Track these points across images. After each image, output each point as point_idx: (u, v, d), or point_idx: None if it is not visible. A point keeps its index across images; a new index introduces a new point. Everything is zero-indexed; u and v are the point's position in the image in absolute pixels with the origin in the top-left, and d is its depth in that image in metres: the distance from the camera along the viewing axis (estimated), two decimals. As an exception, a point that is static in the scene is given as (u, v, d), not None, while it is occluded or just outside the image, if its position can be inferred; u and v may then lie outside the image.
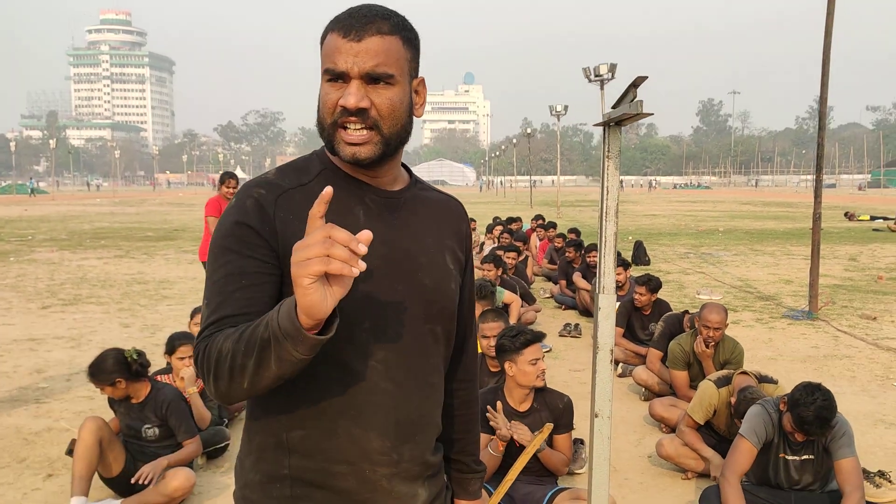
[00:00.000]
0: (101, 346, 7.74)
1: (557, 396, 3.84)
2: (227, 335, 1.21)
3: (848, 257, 15.91)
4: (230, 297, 1.30)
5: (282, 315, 1.12)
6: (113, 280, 12.81)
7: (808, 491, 3.74)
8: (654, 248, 17.28)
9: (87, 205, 45.78)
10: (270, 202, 1.36)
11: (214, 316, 1.29)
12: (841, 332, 8.49)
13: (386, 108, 1.33)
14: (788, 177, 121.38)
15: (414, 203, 1.49)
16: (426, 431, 1.48)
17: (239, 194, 1.40)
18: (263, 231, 1.33)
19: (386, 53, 1.32)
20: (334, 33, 1.33)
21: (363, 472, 1.39)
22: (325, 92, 1.35)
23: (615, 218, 1.88)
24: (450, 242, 1.54)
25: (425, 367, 1.46)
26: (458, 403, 1.68)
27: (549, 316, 9.59)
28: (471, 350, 1.70)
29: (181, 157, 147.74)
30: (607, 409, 2.02)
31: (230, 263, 1.32)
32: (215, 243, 1.36)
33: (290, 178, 1.42)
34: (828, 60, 9.07)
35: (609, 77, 22.52)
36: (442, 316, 1.48)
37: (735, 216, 32.56)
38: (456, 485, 1.71)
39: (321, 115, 1.37)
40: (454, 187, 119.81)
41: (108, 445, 4.00)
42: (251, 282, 1.31)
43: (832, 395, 3.50)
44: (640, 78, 1.61)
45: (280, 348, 1.12)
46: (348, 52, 1.30)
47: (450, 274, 1.51)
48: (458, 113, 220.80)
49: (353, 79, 1.31)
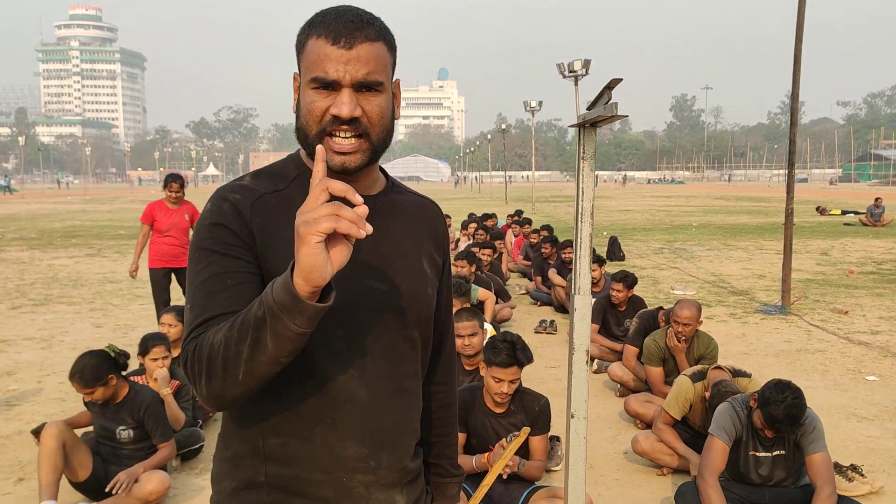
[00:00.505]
0: (72, 348, 7.65)
1: (534, 398, 3.85)
2: (217, 329, 1.19)
3: (820, 252, 16.14)
4: (215, 298, 1.27)
5: (276, 289, 1.10)
6: (84, 279, 12.63)
7: (782, 487, 3.78)
8: (628, 244, 17.40)
9: (58, 203, 45.12)
10: (246, 206, 1.34)
11: (201, 317, 1.26)
12: (813, 327, 8.60)
13: (376, 116, 1.32)
14: (761, 171, 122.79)
15: (390, 207, 1.47)
16: (404, 438, 1.46)
17: (215, 199, 1.37)
18: (242, 233, 1.32)
19: (376, 61, 1.30)
20: (320, 39, 1.29)
21: (340, 480, 1.38)
22: (311, 100, 1.31)
23: (591, 219, 1.88)
24: (427, 246, 1.52)
25: (402, 372, 1.44)
26: (436, 406, 1.67)
27: (525, 312, 9.62)
28: (448, 352, 1.69)
29: (153, 154, 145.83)
30: (583, 409, 2.02)
31: (213, 265, 1.29)
32: (195, 246, 1.33)
33: (266, 184, 1.40)
34: (799, 57, 9.18)
35: (583, 73, 22.57)
36: (419, 321, 1.46)
37: (708, 211, 32.90)
38: (434, 489, 1.70)
39: (305, 122, 1.33)
40: (429, 183, 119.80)
41: (73, 450, 3.93)
42: (236, 281, 1.29)
43: (802, 393, 3.54)
44: (615, 80, 1.61)
45: (277, 323, 1.10)
46: (339, 59, 1.27)
47: (427, 278, 1.49)
48: (432, 109, 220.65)
49: (344, 87, 1.28)
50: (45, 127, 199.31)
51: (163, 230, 7.39)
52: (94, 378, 3.92)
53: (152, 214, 7.43)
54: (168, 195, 7.46)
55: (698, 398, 4.50)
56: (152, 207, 7.47)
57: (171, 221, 7.41)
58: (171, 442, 4.23)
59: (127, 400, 4.10)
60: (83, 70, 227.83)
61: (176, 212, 7.45)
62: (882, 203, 22.86)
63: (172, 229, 7.37)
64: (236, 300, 1.26)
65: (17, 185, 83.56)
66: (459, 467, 1.74)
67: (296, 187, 1.39)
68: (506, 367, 3.62)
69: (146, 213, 7.47)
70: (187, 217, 7.48)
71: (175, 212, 7.45)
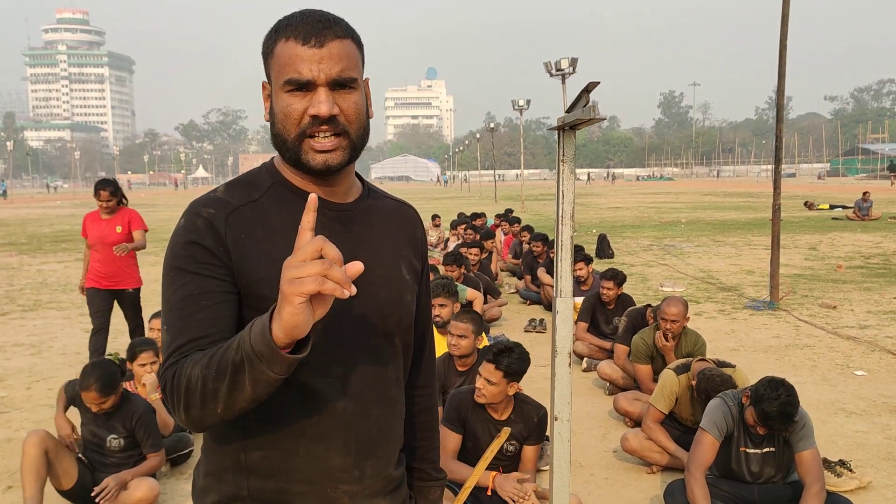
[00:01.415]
0: (62, 353, 7.61)
1: (534, 409, 3.87)
2: (194, 361, 1.18)
3: (808, 246, 16.22)
4: (191, 320, 1.26)
5: (254, 336, 1.09)
6: (74, 284, 12.54)
7: (771, 483, 3.80)
8: (617, 241, 17.44)
9: (47, 207, 44.86)
10: (221, 221, 1.33)
11: (178, 341, 1.26)
12: (802, 322, 8.65)
13: (353, 113, 1.32)
14: (749, 167, 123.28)
15: (368, 214, 1.47)
16: (388, 445, 1.47)
17: (188, 214, 1.35)
18: (217, 250, 1.30)
19: (347, 58, 1.30)
20: (290, 41, 1.29)
21: (324, 491, 1.38)
22: (286, 103, 1.30)
23: (571, 222, 1.88)
24: (405, 252, 1.52)
25: (384, 380, 1.44)
26: (417, 410, 1.66)
27: (515, 311, 9.63)
28: (428, 357, 1.69)
29: (143, 158, 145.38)
30: (566, 411, 2.02)
31: (187, 285, 1.29)
32: (168, 265, 1.32)
33: (240, 195, 1.38)
34: (784, 52, 9.22)
35: (570, 71, 22.56)
36: (399, 328, 1.46)
37: (697, 207, 33.01)
38: (417, 493, 1.69)
39: (282, 127, 1.32)
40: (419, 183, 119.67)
41: (56, 457, 3.91)
42: (212, 301, 1.28)
43: (795, 391, 3.55)
44: (593, 83, 1.61)
45: (255, 370, 1.10)
46: (311, 59, 1.27)
47: (406, 285, 1.49)
48: (421, 108, 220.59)
49: (319, 86, 1.28)
50: (33, 132, 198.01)
51: (91, 244, 6.44)
52: (111, 387, 3.95)
53: (85, 226, 6.51)
54: (99, 205, 6.39)
55: (683, 390, 4.53)
56: (86, 218, 6.53)
57: (97, 234, 6.34)
58: (161, 452, 4.21)
59: (119, 409, 4.08)
60: (71, 74, 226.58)
61: (105, 223, 6.36)
62: (870, 197, 22.98)
63: (98, 243, 6.32)
64: (212, 321, 1.27)
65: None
66: (441, 471, 1.73)
67: (270, 197, 1.39)
68: (486, 362, 3.67)
69: (83, 225, 6.57)
70: (119, 229, 6.36)
71: (104, 223, 6.37)
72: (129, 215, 6.44)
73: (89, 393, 3.90)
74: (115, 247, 6.18)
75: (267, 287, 1.31)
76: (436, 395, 1.73)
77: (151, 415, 4.20)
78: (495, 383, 3.67)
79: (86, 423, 4.13)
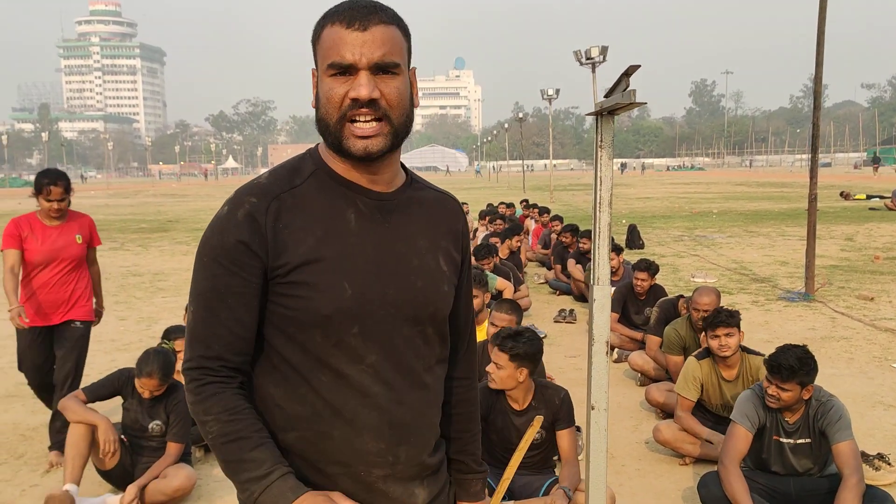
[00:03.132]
0: (97, 340, 7.72)
1: (554, 392, 3.83)
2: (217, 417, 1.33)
3: (844, 237, 15.93)
4: (217, 322, 1.34)
5: (269, 499, 1.29)
6: (108, 272, 12.75)
7: (808, 476, 3.74)
8: (647, 232, 17.28)
9: (82, 197, 45.55)
10: (262, 211, 1.35)
11: (206, 352, 1.35)
12: (838, 314, 8.50)
13: (395, 98, 1.33)
14: (783, 157, 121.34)
15: (408, 204, 1.47)
16: (422, 433, 1.47)
17: (231, 203, 1.37)
18: (254, 244, 1.33)
19: (391, 43, 1.31)
20: (335, 26, 1.31)
21: (358, 474, 1.40)
22: (328, 87, 1.32)
23: (609, 209, 1.86)
24: (444, 243, 1.52)
25: (417, 368, 1.45)
26: (456, 401, 1.65)
27: (544, 302, 9.59)
28: (469, 349, 1.68)
29: (174, 148, 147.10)
30: (604, 401, 2.00)
31: (217, 278, 1.34)
32: (205, 251, 1.36)
33: (282, 181, 1.40)
34: (822, 39, 9.02)
35: (600, 60, 22.40)
36: (434, 318, 1.47)
37: (729, 197, 32.59)
38: (457, 485, 1.68)
39: (325, 111, 1.34)
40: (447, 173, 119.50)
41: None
42: (237, 302, 1.34)
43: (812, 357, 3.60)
44: (633, 67, 1.59)
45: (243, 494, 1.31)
46: (354, 42, 1.29)
47: (442, 275, 1.49)
48: (449, 98, 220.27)
49: (361, 70, 1.30)
50: (67, 122, 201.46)
51: (36, 262, 4.48)
52: (169, 374, 4.08)
53: (19, 235, 4.46)
54: (45, 206, 4.47)
55: (707, 375, 4.49)
56: (18, 225, 4.48)
57: (49, 246, 4.50)
58: (182, 445, 4.15)
59: (165, 395, 4.15)
60: (104, 65, 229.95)
61: (57, 232, 4.55)
62: (908, 187, 22.50)
63: (50, 260, 4.50)
64: (235, 321, 1.35)
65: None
66: (483, 463, 1.72)
67: (311, 183, 1.40)
68: (494, 346, 3.66)
69: (7, 234, 4.46)
70: (79, 239, 4.64)
71: (55, 232, 4.54)
72: (86, 222, 4.76)
73: (152, 379, 4.01)
74: None
75: (302, 273, 1.34)
76: (476, 387, 1.71)
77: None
78: (503, 367, 3.64)
79: (129, 409, 4.19)
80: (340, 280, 1.34)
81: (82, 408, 4.02)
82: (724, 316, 4.35)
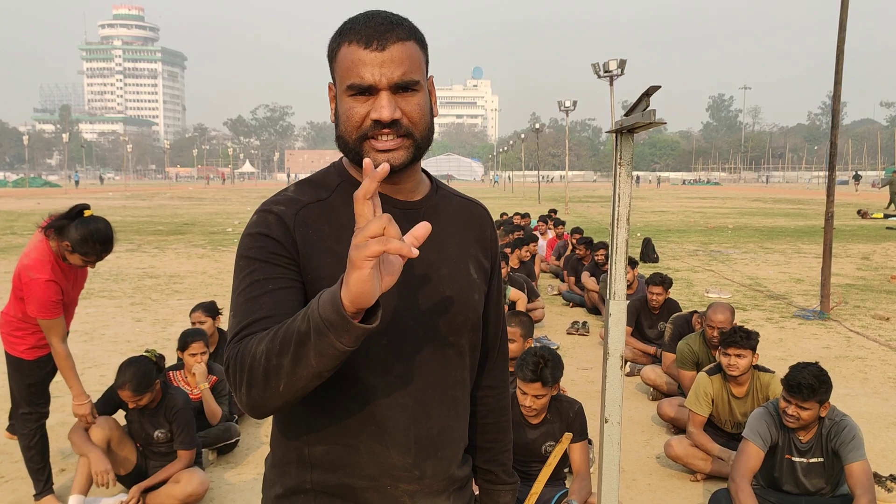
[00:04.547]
0: (113, 341, 7.81)
1: (568, 405, 3.85)
2: (259, 339, 1.18)
3: (861, 256, 15.81)
4: (257, 303, 1.27)
5: (323, 305, 1.08)
6: (125, 274, 12.89)
7: (819, 495, 3.73)
8: (662, 246, 17.23)
9: (100, 199, 45.99)
10: (290, 217, 1.35)
11: (243, 322, 1.26)
12: (853, 333, 8.45)
13: (417, 115, 1.32)
14: (800, 173, 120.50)
15: (435, 212, 1.46)
16: (450, 446, 1.44)
17: (260, 211, 1.38)
18: (287, 242, 1.32)
19: (410, 60, 1.30)
20: (352, 45, 1.29)
21: (385, 488, 1.38)
22: (348, 107, 1.31)
23: (626, 224, 1.88)
24: (473, 251, 1.50)
25: (447, 380, 1.43)
26: (486, 411, 1.63)
27: (557, 313, 9.59)
28: (500, 356, 1.65)
29: (191, 152, 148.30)
30: (617, 414, 2.02)
31: (255, 272, 1.30)
32: (239, 255, 1.35)
33: (309, 193, 1.40)
34: (841, 56, 9.00)
35: (618, 73, 22.41)
36: (465, 327, 1.44)
37: (745, 213, 32.42)
38: (486, 496, 1.66)
39: (345, 130, 1.33)
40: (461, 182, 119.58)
41: (118, 445, 4.03)
42: (278, 286, 1.29)
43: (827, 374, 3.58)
44: (653, 88, 1.61)
45: (321, 341, 1.08)
46: (373, 63, 1.27)
47: (473, 284, 1.47)
48: (466, 107, 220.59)
49: (381, 90, 1.28)
50: (88, 124, 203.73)
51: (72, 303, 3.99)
52: (145, 385, 3.97)
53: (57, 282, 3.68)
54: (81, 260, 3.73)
55: (718, 391, 4.49)
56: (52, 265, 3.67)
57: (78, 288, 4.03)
58: (193, 451, 4.16)
59: (162, 403, 4.13)
60: (125, 69, 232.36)
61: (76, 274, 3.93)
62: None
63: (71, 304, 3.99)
64: (278, 304, 1.27)
65: (61, 182, 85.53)
66: (514, 474, 1.69)
67: (338, 196, 1.41)
68: (528, 382, 3.64)
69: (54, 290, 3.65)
70: None
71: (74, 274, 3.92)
72: None
73: (124, 391, 3.95)
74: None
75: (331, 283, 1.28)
76: (507, 396, 1.68)
77: (189, 411, 4.18)
78: (543, 395, 3.69)
79: (132, 418, 4.19)
80: None
81: (81, 440, 3.93)
82: (739, 337, 4.34)
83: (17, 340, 3.81)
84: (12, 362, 3.85)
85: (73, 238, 3.65)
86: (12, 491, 4.25)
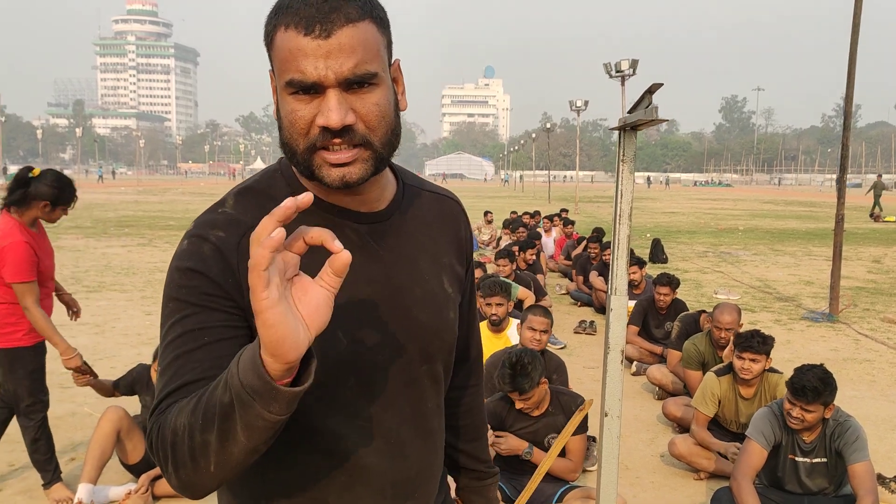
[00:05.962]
0: (124, 334, 7.88)
1: (572, 399, 3.88)
2: (180, 409, 0.95)
3: (871, 259, 15.74)
4: (189, 359, 1.02)
5: (243, 367, 0.86)
6: (136, 268, 12.98)
7: (822, 495, 3.74)
8: (671, 247, 17.21)
9: (112, 193, 46.29)
10: (232, 248, 1.08)
11: (170, 387, 1.01)
12: (862, 336, 8.42)
13: (375, 117, 1.05)
14: (812, 176, 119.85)
15: (403, 221, 1.24)
16: (429, 483, 1.30)
17: (193, 236, 1.10)
18: (226, 283, 1.06)
19: (363, 47, 1.02)
20: (290, 30, 1.01)
21: None
22: (290, 109, 1.04)
23: (628, 221, 1.90)
24: (447, 259, 1.31)
25: (423, 412, 1.25)
26: (465, 410, 1.54)
27: (565, 312, 9.60)
28: (475, 357, 1.55)
29: (203, 147, 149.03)
30: (617, 408, 2.04)
31: (188, 319, 1.04)
32: (167, 296, 1.08)
33: (252, 211, 1.11)
34: (854, 59, 8.97)
35: (630, 73, 22.35)
36: (441, 351, 1.27)
37: (756, 215, 32.29)
38: (474, 494, 1.58)
39: (288, 136, 1.07)
40: (473, 181, 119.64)
41: (128, 434, 4.08)
42: (216, 337, 1.04)
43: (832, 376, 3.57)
44: (656, 85, 1.63)
45: (247, 412, 0.86)
46: (316, 53, 0.99)
47: (448, 300, 1.29)
48: (477, 106, 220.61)
49: (329, 88, 1.01)
50: (101, 119, 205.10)
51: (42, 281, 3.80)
52: None
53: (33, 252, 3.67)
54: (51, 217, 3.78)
55: (726, 392, 4.51)
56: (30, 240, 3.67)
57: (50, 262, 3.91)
58: None
59: None
60: (139, 64, 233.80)
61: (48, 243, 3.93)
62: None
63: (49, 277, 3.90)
64: (215, 360, 1.02)
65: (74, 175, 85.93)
66: (494, 465, 1.62)
67: None
68: (510, 391, 3.72)
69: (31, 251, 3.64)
70: None
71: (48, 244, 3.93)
72: None
73: None
74: None
75: None
76: (482, 393, 1.59)
77: None
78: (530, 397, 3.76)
79: (145, 405, 4.29)
80: (332, 329, 1.00)
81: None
82: (756, 342, 4.31)
83: (13, 328, 3.77)
84: (9, 356, 3.80)
85: (48, 193, 3.62)
86: (23, 479, 4.31)
